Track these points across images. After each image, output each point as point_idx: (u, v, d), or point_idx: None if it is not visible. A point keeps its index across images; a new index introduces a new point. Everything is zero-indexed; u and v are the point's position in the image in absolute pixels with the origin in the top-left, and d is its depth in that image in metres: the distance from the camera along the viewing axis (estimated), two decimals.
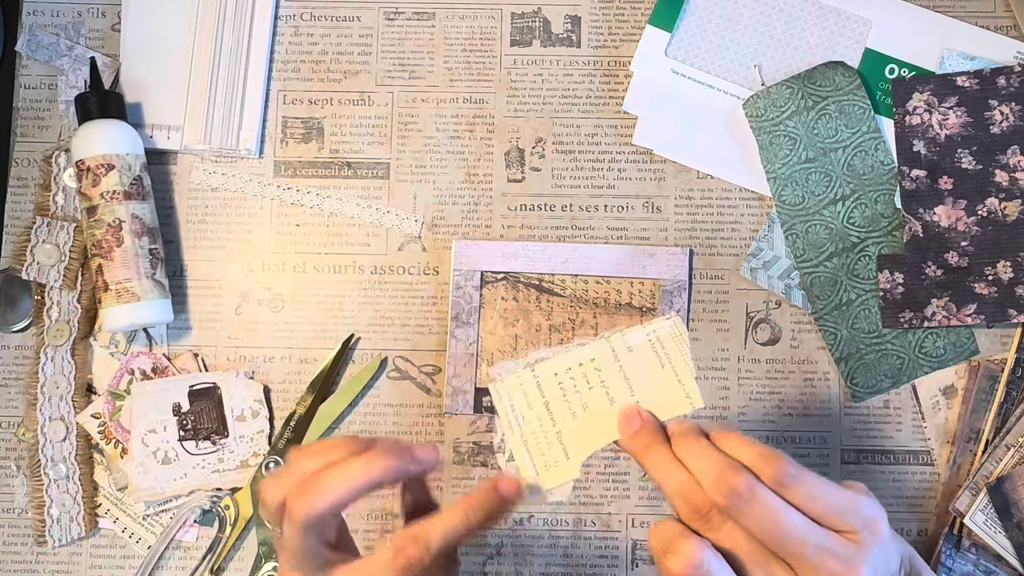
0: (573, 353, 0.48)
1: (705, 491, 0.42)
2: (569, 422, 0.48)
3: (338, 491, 0.43)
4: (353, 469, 0.44)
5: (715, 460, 0.42)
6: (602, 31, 0.71)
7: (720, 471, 0.42)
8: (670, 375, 0.47)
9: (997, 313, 0.66)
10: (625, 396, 0.47)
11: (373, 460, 0.44)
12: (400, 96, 0.71)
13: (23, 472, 0.67)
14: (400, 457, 0.45)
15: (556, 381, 0.48)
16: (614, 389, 0.48)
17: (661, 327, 0.48)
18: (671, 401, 0.47)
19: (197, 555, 0.66)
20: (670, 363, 0.48)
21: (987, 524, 0.63)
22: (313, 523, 0.43)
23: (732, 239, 0.69)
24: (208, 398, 0.67)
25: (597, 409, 0.47)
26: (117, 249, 0.64)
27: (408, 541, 0.43)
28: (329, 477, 0.44)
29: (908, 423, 0.67)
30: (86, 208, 0.65)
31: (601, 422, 0.47)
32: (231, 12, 0.71)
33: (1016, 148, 0.67)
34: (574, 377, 0.48)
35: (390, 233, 0.70)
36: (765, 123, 0.68)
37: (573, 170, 0.70)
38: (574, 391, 0.48)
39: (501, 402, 0.49)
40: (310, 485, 0.44)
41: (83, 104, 0.66)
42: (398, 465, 0.44)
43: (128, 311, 0.64)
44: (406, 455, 0.45)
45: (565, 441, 0.48)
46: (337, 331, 0.69)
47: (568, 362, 0.48)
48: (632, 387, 0.47)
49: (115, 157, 0.65)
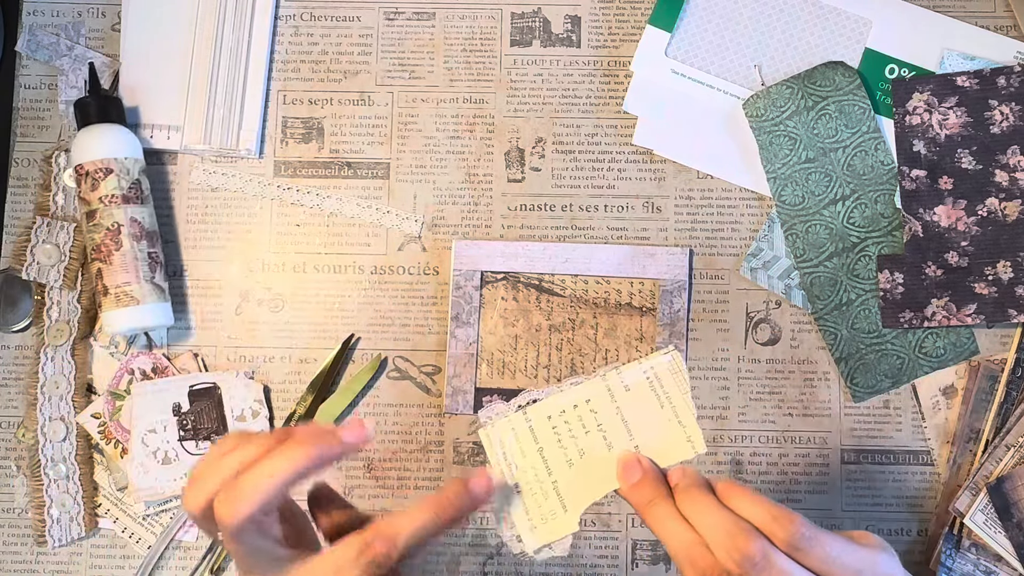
0: (567, 393, 0.46)
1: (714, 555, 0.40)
2: (565, 471, 0.45)
3: (262, 490, 0.41)
4: (273, 465, 0.41)
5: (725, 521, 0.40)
6: (602, 31, 0.71)
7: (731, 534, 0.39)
8: (670, 416, 0.45)
9: (997, 313, 0.66)
10: (624, 440, 0.45)
11: (293, 450, 0.41)
12: (400, 96, 0.71)
13: (23, 472, 0.67)
14: (322, 442, 0.42)
15: (550, 425, 0.46)
16: (612, 433, 0.45)
17: (659, 363, 0.46)
18: (672, 445, 0.45)
19: (197, 555, 0.66)
20: (669, 403, 0.46)
21: (987, 524, 0.63)
22: (244, 527, 0.41)
23: (732, 239, 0.69)
24: (208, 398, 0.67)
25: (595, 455, 0.45)
26: (116, 253, 0.64)
27: (375, 537, 0.41)
28: (251, 477, 0.41)
29: (908, 423, 0.67)
30: (85, 212, 0.65)
31: (599, 470, 0.45)
32: (231, 12, 0.71)
33: (1016, 148, 0.67)
34: (569, 420, 0.46)
35: (390, 233, 0.70)
36: (765, 123, 0.68)
37: (573, 170, 0.70)
38: (569, 436, 0.46)
39: (492, 449, 0.46)
40: (232, 489, 0.41)
41: (82, 109, 0.66)
42: (321, 451, 0.42)
43: (127, 315, 0.64)
44: (328, 438, 0.42)
45: (562, 492, 0.45)
46: (337, 331, 0.69)
47: (562, 404, 0.46)
48: (631, 430, 0.45)
49: (113, 161, 0.65)
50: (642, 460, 0.44)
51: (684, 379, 0.46)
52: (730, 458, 0.67)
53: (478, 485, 0.44)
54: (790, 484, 0.67)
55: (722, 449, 0.67)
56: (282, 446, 0.42)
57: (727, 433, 0.67)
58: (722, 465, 0.67)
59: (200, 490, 0.42)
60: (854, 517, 0.67)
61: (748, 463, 0.67)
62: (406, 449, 0.68)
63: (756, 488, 0.67)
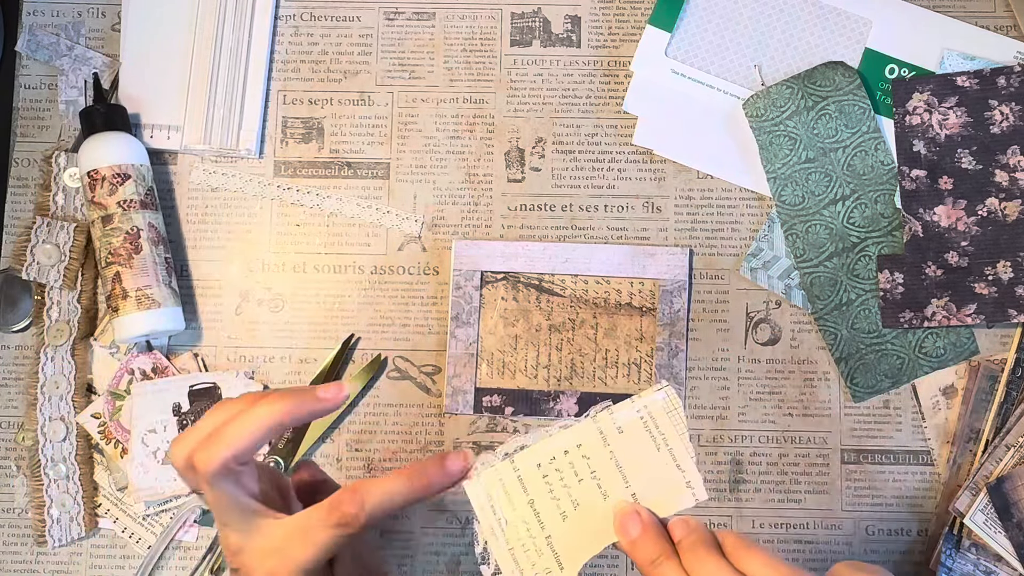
0: (556, 439, 0.43)
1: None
2: (559, 524, 0.42)
3: (240, 438, 0.42)
4: (252, 415, 0.43)
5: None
6: (602, 31, 0.71)
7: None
8: (667, 460, 0.43)
9: (997, 313, 0.66)
10: (619, 488, 0.42)
11: (272, 403, 0.43)
12: (400, 96, 0.71)
13: (23, 472, 0.67)
14: (300, 397, 0.44)
15: (540, 474, 0.43)
16: (606, 481, 0.43)
17: (653, 401, 0.43)
18: (671, 492, 0.42)
19: (197, 555, 0.66)
20: (666, 444, 0.43)
21: (987, 524, 0.63)
22: (219, 473, 0.42)
23: (732, 239, 0.69)
24: (208, 398, 0.67)
25: (589, 506, 0.42)
26: (136, 256, 0.65)
27: (346, 497, 0.42)
28: (230, 427, 0.43)
29: (908, 423, 0.67)
30: (100, 217, 0.65)
31: (595, 522, 0.42)
32: (231, 12, 0.71)
33: (1016, 148, 0.67)
34: (560, 468, 0.43)
35: (390, 233, 0.70)
36: (765, 123, 0.68)
37: (573, 170, 0.70)
38: (562, 486, 0.43)
39: (480, 503, 0.43)
40: (212, 438, 0.43)
41: (89, 117, 0.67)
42: (298, 405, 0.43)
43: (148, 317, 0.65)
44: (307, 394, 0.44)
45: (557, 547, 0.42)
46: (337, 331, 0.69)
47: (552, 450, 0.43)
48: (626, 477, 0.43)
49: (130, 167, 0.66)
50: (641, 512, 0.42)
51: (680, 418, 0.43)
52: (730, 458, 0.67)
53: (454, 463, 0.44)
54: (790, 484, 0.67)
55: (722, 449, 0.67)
56: (263, 398, 0.44)
57: (727, 433, 0.67)
58: (722, 465, 0.67)
59: (184, 444, 0.44)
60: (854, 517, 0.67)
61: (748, 463, 0.67)
62: (406, 449, 0.68)
63: (756, 488, 0.67)
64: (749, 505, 0.67)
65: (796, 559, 0.66)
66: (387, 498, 0.42)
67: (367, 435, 0.68)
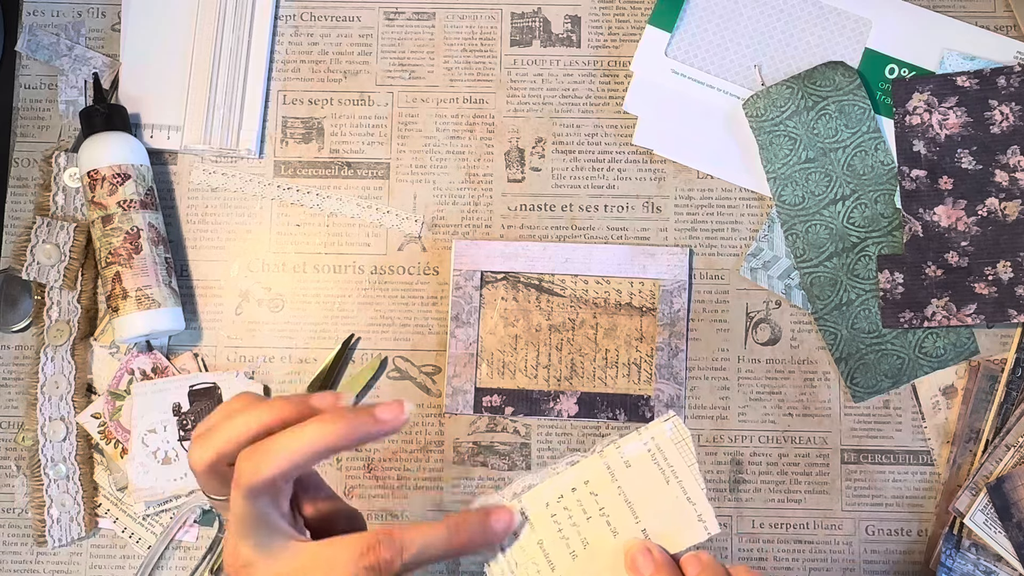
0: (564, 476, 0.42)
1: None
2: (569, 564, 0.41)
3: (292, 456, 0.39)
4: (309, 433, 0.40)
5: None
6: (602, 31, 0.71)
7: None
8: (677, 493, 0.42)
9: (997, 313, 0.66)
10: (629, 526, 0.42)
11: (329, 423, 0.40)
12: (400, 96, 0.71)
13: (23, 472, 0.67)
14: (359, 419, 0.40)
15: (548, 514, 0.42)
16: (616, 518, 0.42)
17: (660, 432, 0.42)
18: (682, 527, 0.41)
19: (197, 555, 0.66)
20: (675, 477, 0.42)
21: (987, 524, 0.63)
22: (261, 488, 0.40)
23: (732, 239, 0.69)
24: (208, 398, 0.67)
25: (599, 545, 0.41)
26: (136, 256, 0.65)
27: (383, 540, 0.40)
28: (284, 440, 0.40)
29: (908, 423, 0.67)
30: (100, 217, 0.65)
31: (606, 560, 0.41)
32: (231, 12, 0.71)
33: (1016, 148, 0.67)
34: (568, 507, 0.42)
35: (390, 233, 0.70)
36: (765, 123, 0.68)
37: (573, 170, 0.70)
38: (571, 525, 0.42)
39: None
40: (261, 448, 0.40)
41: (89, 117, 0.67)
42: (356, 428, 0.40)
43: (148, 317, 0.65)
44: (365, 416, 0.40)
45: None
46: (337, 331, 0.69)
47: (559, 488, 0.42)
48: (636, 512, 0.42)
49: (130, 167, 0.66)
50: (652, 549, 0.40)
51: (689, 448, 0.42)
52: (730, 458, 0.67)
53: (499, 521, 0.42)
54: (790, 484, 0.67)
55: (722, 449, 0.67)
56: (318, 417, 0.41)
57: (727, 433, 0.67)
58: (722, 465, 0.67)
59: (208, 445, 0.41)
60: (854, 517, 0.67)
61: (748, 463, 0.67)
62: (406, 449, 0.68)
63: (756, 488, 0.67)
64: (749, 505, 0.67)
65: (796, 559, 0.67)
66: (425, 550, 0.40)
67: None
